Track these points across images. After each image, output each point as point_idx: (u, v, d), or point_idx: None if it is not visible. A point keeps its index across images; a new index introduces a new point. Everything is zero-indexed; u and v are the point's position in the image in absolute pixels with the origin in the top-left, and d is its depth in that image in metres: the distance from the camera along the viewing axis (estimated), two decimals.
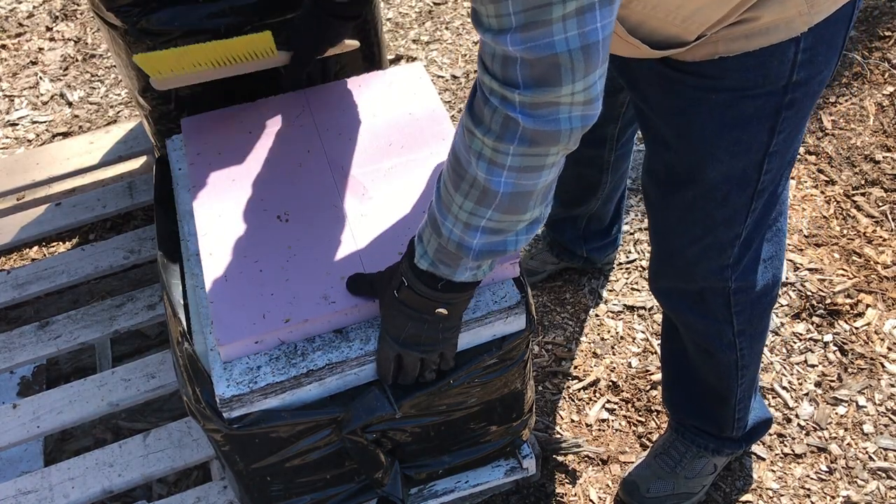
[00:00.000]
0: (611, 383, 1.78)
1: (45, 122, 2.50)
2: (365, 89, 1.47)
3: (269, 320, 1.11)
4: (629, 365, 1.81)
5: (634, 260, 2.00)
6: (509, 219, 0.93)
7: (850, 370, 1.76)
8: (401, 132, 1.38)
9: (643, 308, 1.91)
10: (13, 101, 2.58)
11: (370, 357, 1.12)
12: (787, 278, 1.93)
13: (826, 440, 1.66)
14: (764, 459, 1.64)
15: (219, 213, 1.28)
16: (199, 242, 1.23)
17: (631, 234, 2.06)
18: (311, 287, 1.15)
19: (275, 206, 1.28)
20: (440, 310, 1.02)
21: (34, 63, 2.72)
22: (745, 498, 1.60)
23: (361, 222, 1.24)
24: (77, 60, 2.71)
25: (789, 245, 2.00)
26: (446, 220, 0.94)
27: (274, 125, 1.42)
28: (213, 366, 1.11)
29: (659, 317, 1.88)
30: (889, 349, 1.79)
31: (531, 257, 1.96)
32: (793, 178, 2.14)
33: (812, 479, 1.61)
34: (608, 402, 1.75)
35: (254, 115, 1.44)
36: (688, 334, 1.40)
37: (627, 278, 1.96)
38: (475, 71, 2.55)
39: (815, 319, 1.86)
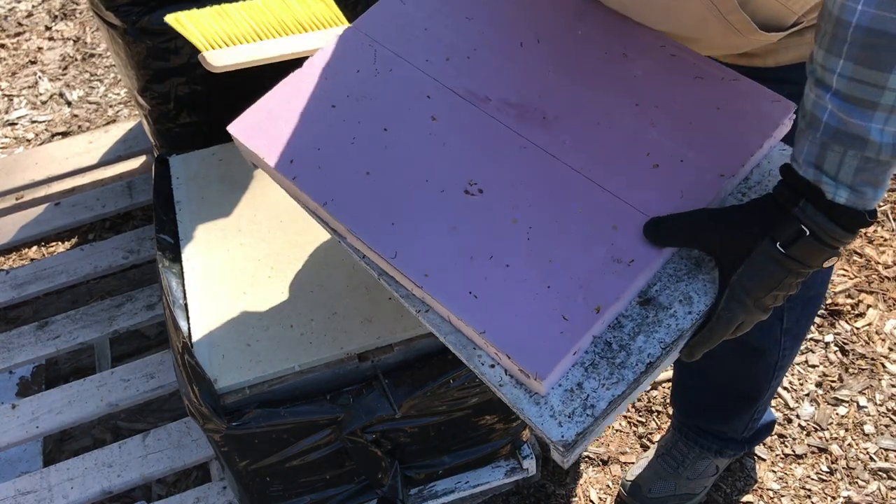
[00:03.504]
0: None
1: (44, 121, 2.49)
2: None
3: (573, 321, 0.81)
4: None
5: None
6: None
7: (850, 370, 1.76)
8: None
9: None
10: (12, 100, 2.58)
11: (699, 321, 0.83)
12: None
13: (827, 440, 1.66)
14: (764, 460, 1.64)
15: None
16: (406, 274, 0.88)
17: None
18: (588, 254, 0.84)
19: (451, 180, 0.93)
20: (831, 260, 0.79)
21: (33, 62, 2.71)
22: (745, 498, 1.59)
23: (576, 153, 0.91)
24: (76, 60, 2.70)
25: None
26: (873, 120, 0.68)
27: None
28: (525, 407, 0.81)
29: None
30: (890, 349, 1.79)
31: None
32: None
33: (813, 479, 1.61)
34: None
35: None
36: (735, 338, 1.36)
37: None
38: None
39: (816, 319, 1.85)
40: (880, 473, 1.61)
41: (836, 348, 1.80)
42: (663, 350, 0.81)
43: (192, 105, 1.59)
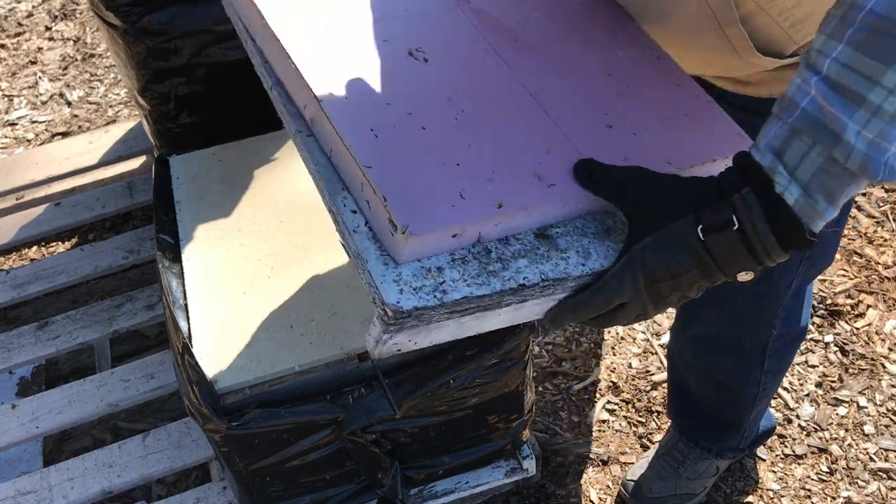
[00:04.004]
0: (611, 384, 1.77)
1: (44, 121, 2.49)
2: None
3: (471, 203, 0.74)
4: (629, 366, 1.80)
5: None
6: None
7: (850, 371, 1.76)
8: None
9: None
10: (12, 100, 2.58)
11: (586, 280, 0.76)
12: None
13: (827, 441, 1.66)
14: (765, 460, 1.64)
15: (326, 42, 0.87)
16: (309, 83, 0.81)
17: None
18: (512, 159, 0.79)
19: (402, 40, 0.89)
20: (746, 275, 0.69)
21: (33, 63, 2.71)
22: (745, 499, 1.59)
23: (532, 74, 0.88)
24: (76, 60, 2.70)
25: None
26: (853, 118, 0.60)
27: None
28: (371, 260, 0.73)
29: (658, 317, 1.88)
30: (890, 350, 1.79)
31: None
32: None
33: (813, 479, 1.61)
34: (608, 402, 1.75)
35: None
36: (711, 374, 1.38)
37: None
38: None
39: (816, 320, 1.85)
40: (880, 474, 1.61)
41: (835, 348, 1.80)
42: (542, 281, 0.74)
43: (192, 105, 1.59)
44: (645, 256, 0.70)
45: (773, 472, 1.63)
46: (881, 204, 2.08)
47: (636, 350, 1.83)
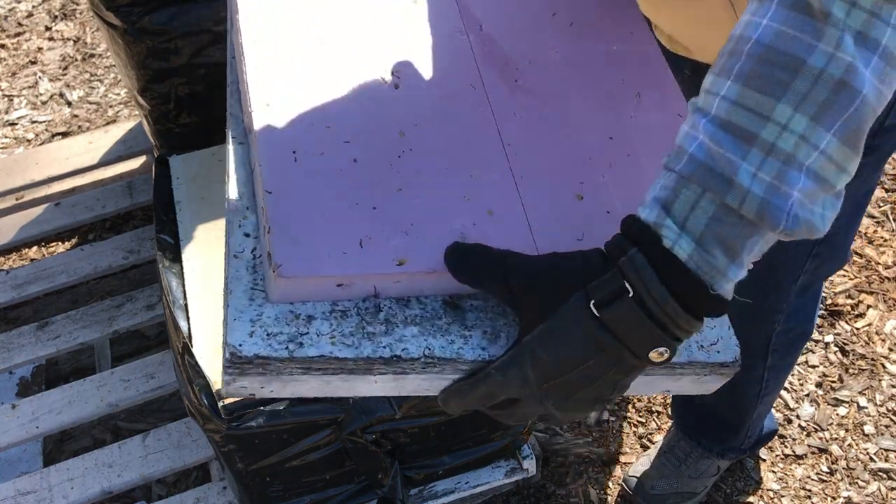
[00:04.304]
0: None
1: (44, 121, 2.49)
2: None
3: (368, 254, 0.66)
4: None
5: None
6: (844, 154, 0.54)
7: (850, 371, 1.76)
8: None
9: None
10: (12, 100, 2.58)
11: (480, 366, 0.66)
12: None
13: (827, 441, 1.66)
14: (765, 460, 1.64)
15: (284, 60, 0.78)
16: (249, 87, 0.74)
17: None
18: (441, 214, 0.70)
19: (384, 59, 0.80)
20: (660, 354, 0.58)
21: (33, 63, 2.71)
22: (745, 499, 1.59)
23: (515, 122, 0.78)
24: (76, 60, 2.70)
25: None
26: (747, 159, 0.53)
27: None
28: (236, 291, 0.66)
29: None
30: (890, 350, 1.79)
31: None
32: None
33: (813, 479, 1.61)
34: None
35: None
36: None
37: None
38: None
39: (816, 320, 1.85)
40: (880, 474, 1.61)
41: (836, 349, 1.80)
42: (424, 357, 0.65)
43: (193, 105, 1.59)
44: (533, 348, 0.60)
45: (774, 472, 1.63)
46: (881, 204, 2.08)
47: None
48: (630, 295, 0.56)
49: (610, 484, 1.62)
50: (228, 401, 1.14)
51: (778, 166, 0.53)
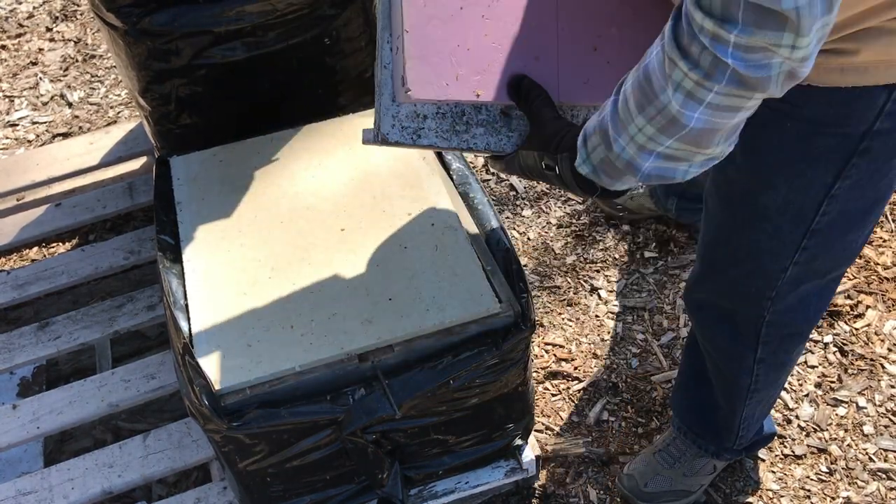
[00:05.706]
0: (611, 384, 1.78)
1: (45, 122, 2.50)
2: None
3: (460, 86, 1.00)
4: (629, 366, 1.81)
5: (635, 262, 2.00)
6: (689, 149, 0.85)
7: (850, 371, 1.76)
8: None
9: (643, 309, 1.90)
10: (13, 101, 2.58)
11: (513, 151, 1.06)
12: None
13: (826, 441, 1.66)
14: (764, 460, 1.64)
15: None
16: None
17: (636, 240, 2.06)
18: (507, 56, 1.02)
19: None
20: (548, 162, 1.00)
21: (34, 63, 2.72)
22: (745, 499, 1.60)
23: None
24: (77, 61, 2.71)
25: None
26: (620, 138, 0.87)
27: None
28: (384, 94, 1.01)
29: (658, 318, 1.88)
30: (889, 350, 1.79)
31: (630, 198, 2.05)
32: None
33: (812, 479, 1.61)
34: (608, 402, 1.75)
35: None
36: (708, 351, 1.39)
37: (628, 279, 1.96)
38: None
39: (816, 323, 1.85)
40: (879, 474, 1.61)
41: (835, 349, 1.80)
42: (484, 148, 1.04)
43: (193, 106, 1.59)
44: (521, 154, 1.04)
45: (773, 472, 1.63)
46: None
47: (636, 350, 1.83)
48: (557, 173, 0.98)
49: (610, 485, 1.62)
50: (228, 401, 1.14)
51: (635, 149, 0.86)
